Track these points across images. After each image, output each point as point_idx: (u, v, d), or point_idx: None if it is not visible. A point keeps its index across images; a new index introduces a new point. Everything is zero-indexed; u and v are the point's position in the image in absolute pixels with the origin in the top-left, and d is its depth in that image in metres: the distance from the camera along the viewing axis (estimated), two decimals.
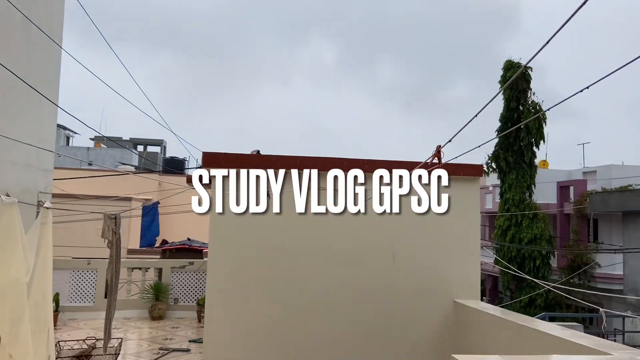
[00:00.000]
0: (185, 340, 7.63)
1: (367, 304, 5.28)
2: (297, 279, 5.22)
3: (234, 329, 5.09)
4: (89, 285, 9.37)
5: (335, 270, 5.28)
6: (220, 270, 5.13)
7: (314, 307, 5.21)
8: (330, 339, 5.20)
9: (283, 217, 5.21)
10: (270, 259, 5.19)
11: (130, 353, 6.83)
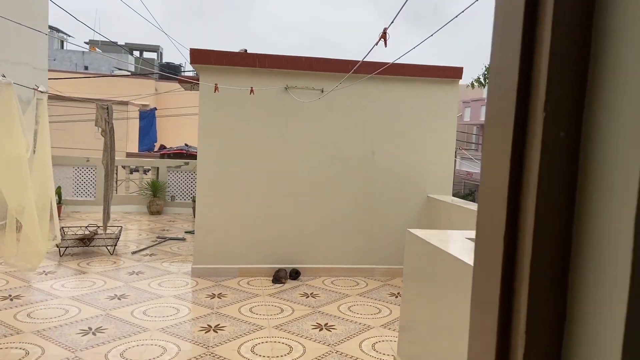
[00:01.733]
0: (181, 231, 8.21)
1: (347, 198, 5.71)
2: (278, 174, 5.61)
3: (220, 220, 5.55)
4: (89, 181, 9.86)
5: (318, 165, 5.65)
6: (208, 169, 5.50)
7: (296, 199, 5.65)
8: (311, 229, 5.69)
9: (265, 118, 5.51)
10: (254, 157, 5.54)
11: (130, 240, 7.40)
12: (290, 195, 5.65)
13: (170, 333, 3.91)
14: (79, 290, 4.94)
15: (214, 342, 3.77)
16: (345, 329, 4.13)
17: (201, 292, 5.02)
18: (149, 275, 5.57)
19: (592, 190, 0.50)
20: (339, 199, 5.71)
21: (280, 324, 4.20)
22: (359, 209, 5.75)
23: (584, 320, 0.51)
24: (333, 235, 5.74)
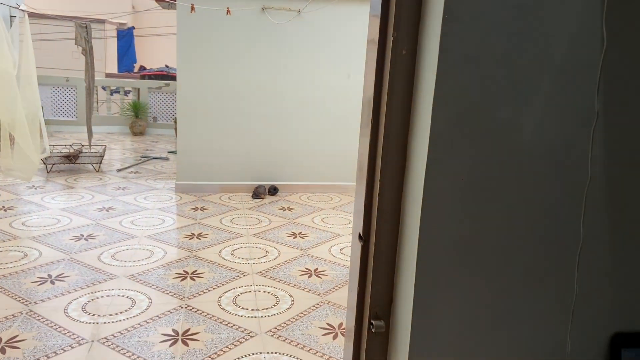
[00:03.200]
0: (164, 151, 8.46)
1: (323, 118, 5.97)
2: (257, 95, 5.81)
3: (202, 139, 5.80)
4: (70, 101, 9.91)
5: (296, 86, 5.85)
6: (188, 91, 5.66)
7: (274, 119, 5.89)
8: (289, 148, 5.99)
9: (243, 39, 5.61)
10: (233, 78, 5.70)
11: (114, 159, 7.66)
12: (269, 115, 5.89)
13: (157, 239, 4.29)
14: (69, 202, 5.25)
15: (197, 247, 4.17)
16: (317, 237, 4.55)
17: (185, 205, 5.37)
18: (134, 190, 5.89)
19: (420, 89, 0.79)
20: (316, 120, 5.98)
21: (258, 232, 4.60)
22: (335, 129, 6.03)
23: (413, 172, 0.82)
24: (310, 154, 6.06)
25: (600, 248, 0.85)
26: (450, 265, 0.84)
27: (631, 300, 0.89)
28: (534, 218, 0.83)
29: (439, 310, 0.86)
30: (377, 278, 0.91)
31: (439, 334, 0.86)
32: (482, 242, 0.84)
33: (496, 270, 0.85)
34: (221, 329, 2.88)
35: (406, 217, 0.89)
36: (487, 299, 0.85)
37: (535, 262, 0.85)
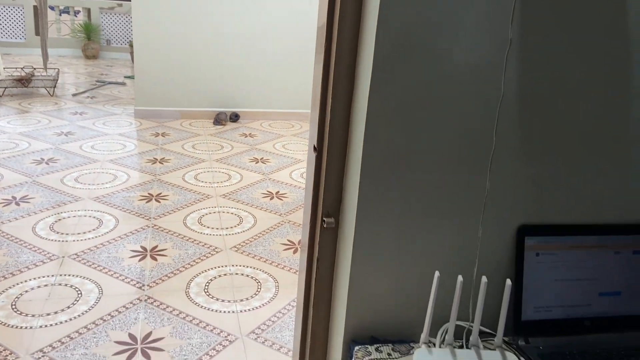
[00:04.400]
0: (120, 76, 8.24)
1: (285, 44, 5.93)
2: (217, 19, 5.68)
3: (160, 64, 5.70)
4: (18, 22, 9.35)
5: (257, 10, 5.75)
6: (144, 12, 5.47)
7: (236, 44, 5.82)
8: (251, 75, 5.97)
9: None
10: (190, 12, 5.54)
11: (68, 83, 7.42)
12: (230, 40, 5.81)
13: (119, 164, 4.34)
14: (25, 127, 5.16)
15: (161, 171, 4.25)
16: (278, 162, 4.70)
17: (145, 131, 5.38)
18: (92, 115, 5.81)
19: (367, 17, 0.91)
20: (278, 46, 5.94)
21: (221, 158, 4.71)
22: (297, 55, 6.02)
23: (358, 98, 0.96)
24: (272, 81, 6.07)
25: (509, 153, 1.04)
26: (388, 170, 1.01)
27: (534, 198, 1.09)
28: (456, 129, 1.00)
29: (379, 207, 1.03)
30: (328, 183, 1.07)
31: (378, 226, 1.04)
32: (414, 150, 1.00)
33: (425, 172, 1.02)
34: (188, 246, 3.06)
35: (353, 131, 1.04)
36: (418, 196, 1.03)
37: (456, 165, 1.02)
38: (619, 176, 1.12)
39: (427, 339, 1.02)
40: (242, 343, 2.26)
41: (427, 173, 1.02)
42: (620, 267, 1.15)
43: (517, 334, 1.11)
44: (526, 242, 1.10)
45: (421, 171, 1.01)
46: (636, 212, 1.15)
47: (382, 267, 1.07)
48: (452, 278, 1.08)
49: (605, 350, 1.09)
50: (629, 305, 1.16)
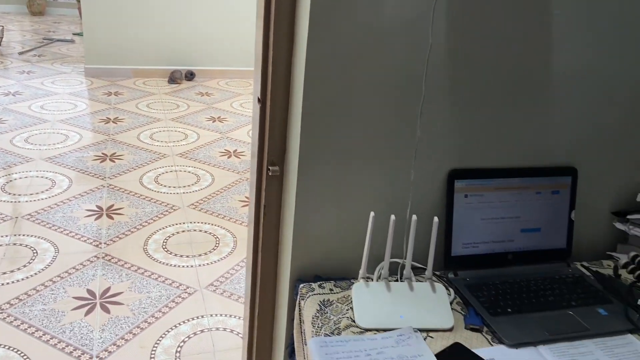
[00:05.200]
0: (69, 33, 7.88)
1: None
2: None
3: (111, 20, 5.49)
4: None
5: None
6: None
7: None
8: (206, 31, 5.83)
9: None
10: None
11: (13, 41, 7.06)
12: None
13: (70, 124, 4.24)
14: None
15: (114, 131, 4.19)
16: (236, 121, 4.69)
17: (97, 90, 5.23)
18: (40, 74, 5.59)
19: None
20: (235, 1, 5.81)
21: (177, 117, 4.66)
22: (254, 12, 5.91)
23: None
24: (229, 38, 5.95)
25: (439, 102, 1.11)
26: (327, 119, 1.07)
27: (463, 144, 1.18)
28: (389, 79, 1.07)
29: (319, 154, 1.10)
30: (272, 133, 1.13)
31: (318, 172, 1.11)
32: (350, 99, 1.06)
33: (361, 120, 1.09)
34: (145, 204, 3.07)
35: (294, 83, 1.09)
36: (356, 142, 1.10)
37: (390, 113, 1.10)
38: (540, 123, 1.22)
39: (365, 274, 1.12)
40: (201, 295, 2.34)
41: (363, 121, 1.08)
42: (540, 206, 1.26)
43: (448, 268, 1.22)
44: (456, 185, 1.20)
45: (357, 119, 1.08)
46: (555, 155, 1.27)
47: (323, 211, 1.15)
48: (389, 219, 1.17)
49: (524, 280, 1.21)
50: (548, 240, 1.28)
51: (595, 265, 1.33)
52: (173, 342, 2.04)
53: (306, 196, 1.12)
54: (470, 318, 1.08)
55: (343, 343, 0.97)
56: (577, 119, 1.25)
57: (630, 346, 1.03)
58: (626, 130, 1.29)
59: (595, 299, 1.16)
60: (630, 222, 1.30)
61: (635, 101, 1.26)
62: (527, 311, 1.11)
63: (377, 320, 1.04)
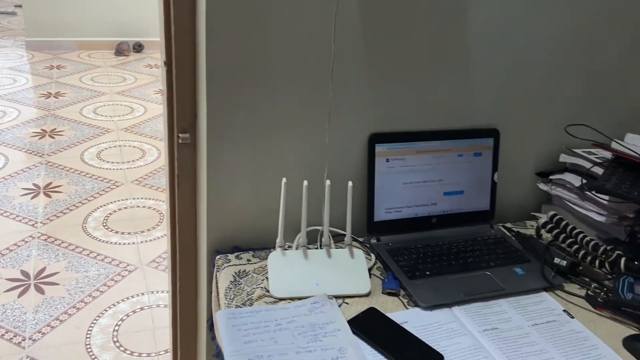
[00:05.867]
0: (10, 4, 7.45)
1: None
2: None
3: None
4: None
5: None
6: None
7: None
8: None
9: None
10: None
11: None
12: None
13: (8, 99, 4.03)
14: None
15: (55, 106, 4.00)
16: None
17: (38, 64, 4.98)
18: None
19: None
20: None
21: (123, 90, 4.48)
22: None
23: None
24: None
25: (354, 65, 1.07)
26: (235, 82, 1.02)
27: (383, 108, 1.15)
28: (298, 40, 1.02)
29: (229, 120, 1.04)
30: (180, 98, 1.07)
31: (229, 139, 1.06)
32: (258, 61, 1.01)
33: (272, 83, 1.04)
34: (85, 181, 2.96)
35: (198, 46, 1.03)
36: (268, 107, 1.06)
37: (301, 75, 1.05)
38: (460, 86, 1.20)
39: (282, 242, 1.08)
40: (142, 272, 2.28)
41: (274, 84, 1.04)
42: (463, 168, 1.25)
43: (371, 233, 1.21)
44: (376, 149, 1.17)
45: (268, 83, 1.03)
46: (477, 118, 1.25)
47: (239, 180, 1.11)
48: (299, 185, 1.14)
49: (447, 242, 1.21)
50: (471, 203, 1.28)
51: (519, 226, 1.34)
52: (110, 322, 1.99)
53: (218, 164, 1.08)
54: (388, 282, 1.07)
55: (253, 314, 0.95)
56: (498, 81, 1.23)
57: (544, 303, 1.04)
58: (546, 92, 1.28)
59: (514, 259, 1.16)
60: (553, 182, 1.30)
61: (554, 63, 1.25)
62: (445, 273, 1.10)
63: (292, 289, 1.02)
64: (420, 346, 0.90)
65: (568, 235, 1.16)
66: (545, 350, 0.92)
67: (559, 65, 1.26)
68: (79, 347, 1.86)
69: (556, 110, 1.31)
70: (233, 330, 0.90)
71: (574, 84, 1.30)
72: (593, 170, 1.20)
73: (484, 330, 0.96)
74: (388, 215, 1.22)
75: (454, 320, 0.98)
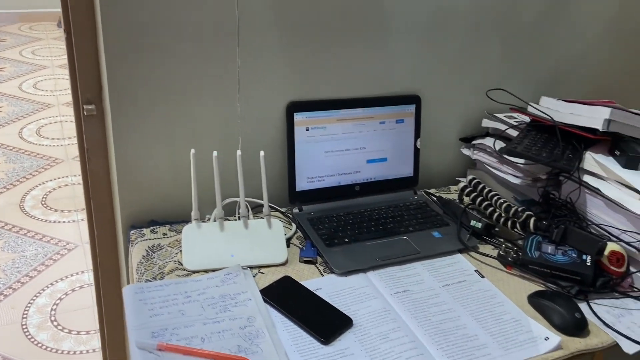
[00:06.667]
0: None
1: None
2: None
3: None
4: None
5: None
6: None
7: None
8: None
9: None
10: None
11: None
12: None
13: None
14: None
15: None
16: None
17: None
18: None
19: None
20: None
21: (65, 63, 4.30)
22: None
23: None
24: None
25: (266, 33, 1.05)
26: (137, 50, 0.98)
27: (300, 76, 1.13)
28: (201, 4, 0.98)
29: (134, 91, 1.01)
30: (83, 68, 1.02)
31: (137, 110, 1.03)
32: (160, 28, 0.97)
33: (174, 50, 1.00)
34: (23, 159, 2.85)
35: (96, 13, 0.98)
36: (173, 75, 1.02)
37: (206, 43, 1.02)
38: (379, 53, 1.19)
39: (197, 215, 1.07)
40: (82, 250, 2.23)
41: (177, 51, 1.00)
42: (385, 135, 1.25)
43: (293, 203, 1.20)
44: (295, 118, 1.16)
45: (170, 49, 0.99)
46: (398, 85, 1.25)
47: (151, 152, 1.08)
48: (224, 156, 1.11)
49: (369, 209, 1.21)
50: (395, 169, 1.28)
51: (444, 191, 1.36)
52: (48, 301, 1.95)
53: (126, 136, 1.04)
54: (305, 251, 1.07)
55: (162, 287, 0.93)
56: (416, 47, 1.22)
57: (457, 265, 1.07)
58: (466, 57, 1.28)
59: (433, 223, 1.18)
60: (475, 147, 1.32)
61: (471, 27, 1.25)
62: (364, 240, 1.11)
63: (206, 261, 1.01)
64: (330, 311, 0.91)
65: (484, 198, 1.19)
66: (453, 309, 0.94)
67: (477, 29, 1.26)
68: (15, 328, 1.81)
69: (476, 75, 1.32)
70: (139, 304, 0.89)
71: (493, 48, 1.30)
72: (508, 133, 1.22)
73: (396, 293, 0.97)
74: (310, 184, 1.21)
75: (368, 284, 0.99)
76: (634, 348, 0.88)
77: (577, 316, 0.90)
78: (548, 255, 1.01)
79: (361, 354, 0.83)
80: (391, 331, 0.88)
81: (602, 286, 0.98)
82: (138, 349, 0.79)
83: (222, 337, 0.84)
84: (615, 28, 1.42)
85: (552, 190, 1.16)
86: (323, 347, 0.84)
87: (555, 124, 1.13)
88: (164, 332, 0.84)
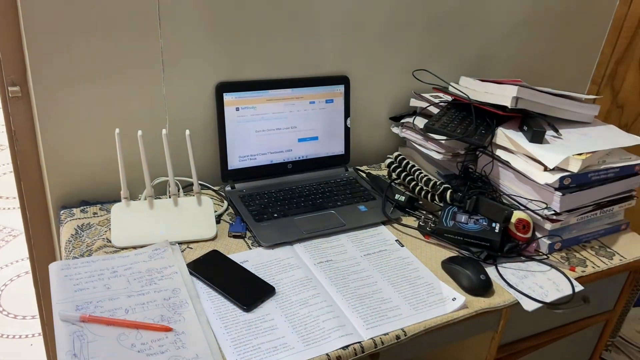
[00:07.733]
0: None
1: None
2: None
3: None
4: None
5: None
6: None
7: None
8: None
9: None
10: None
11: None
12: None
13: None
14: None
15: None
16: None
17: None
18: None
19: None
20: None
21: None
22: None
23: None
24: None
25: (182, 12, 1.07)
26: (58, 29, 0.98)
27: (229, 57, 1.16)
28: None
29: (57, 72, 1.01)
30: (5, 49, 1.02)
31: (61, 92, 1.04)
32: (83, 6, 0.98)
33: (96, 29, 1.01)
34: None
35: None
36: (96, 55, 1.03)
37: (130, 25, 1.03)
38: (307, 35, 1.23)
39: (127, 194, 1.08)
40: None
41: (99, 30, 1.01)
42: (315, 115, 1.29)
43: (225, 181, 1.24)
44: (225, 98, 1.19)
45: (92, 28, 1.00)
46: (326, 65, 1.29)
47: (75, 133, 1.09)
48: (151, 136, 1.14)
49: (300, 185, 1.26)
50: (326, 148, 1.33)
51: (375, 168, 1.42)
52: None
53: (52, 118, 1.05)
54: (234, 226, 1.11)
55: (89, 264, 0.96)
56: (343, 28, 1.26)
57: (380, 236, 1.13)
58: (392, 38, 1.33)
59: (360, 197, 1.24)
60: (403, 125, 1.38)
61: (396, 8, 1.30)
62: (293, 215, 1.15)
63: (134, 238, 1.03)
64: (253, 281, 0.96)
65: (408, 173, 1.25)
66: (371, 275, 1.00)
67: (400, 12, 1.31)
68: None
69: (402, 57, 1.37)
70: (64, 280, 0.91)
71: (417, 31, 1.36)
72: (431, 111, 1.29)
73: (319, 263, 1.03)
74: (243, 163, 1.25)
75: (293, 256, 1.04)
76: (533, 305, 0.96)
77: (482, 278, 0.97)
78: (461, 224, 1.08)
79: (281, 319, 0.88)
80: (311, 297, 0.93)
81: (510, 251, 1.06)
82: (61, 321, 0.82)
83: (146, 308, 0.87)
84: (533, 14, 1.50)
85: (471, 165, 1.23)
86: (245, 314, 0.88)
87: (471, 102, 1.20)
88: (88, 305, 0.86)
